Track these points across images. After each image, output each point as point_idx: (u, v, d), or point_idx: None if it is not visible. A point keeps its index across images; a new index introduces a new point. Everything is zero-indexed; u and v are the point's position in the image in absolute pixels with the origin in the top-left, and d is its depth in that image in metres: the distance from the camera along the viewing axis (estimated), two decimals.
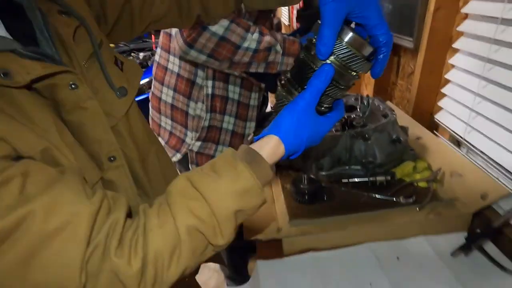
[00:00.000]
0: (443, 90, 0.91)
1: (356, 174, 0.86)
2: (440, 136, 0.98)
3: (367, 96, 1.02)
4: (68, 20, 0.45)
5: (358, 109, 1.00)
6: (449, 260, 0.69)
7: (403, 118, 1.08)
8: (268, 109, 1.39)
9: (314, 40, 0.43)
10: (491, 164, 0.79)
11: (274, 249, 0.76)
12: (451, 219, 0.74)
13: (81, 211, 0.35)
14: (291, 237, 0.74)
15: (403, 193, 0.78)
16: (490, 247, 0.68)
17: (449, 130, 0.91)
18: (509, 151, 0.69)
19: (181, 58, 0.94)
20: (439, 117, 0.94)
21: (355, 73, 0.43)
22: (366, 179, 0.83)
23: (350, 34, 0.41)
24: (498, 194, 0.70)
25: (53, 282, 0.33)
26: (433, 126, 1.05)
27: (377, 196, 0.79)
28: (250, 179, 0.42)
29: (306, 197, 0.80)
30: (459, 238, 0.71)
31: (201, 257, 0.42)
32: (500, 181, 0.73)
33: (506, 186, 0.71)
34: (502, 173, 0.75)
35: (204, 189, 0.41)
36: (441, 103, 0.93)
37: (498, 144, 0.72)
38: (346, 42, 0.41)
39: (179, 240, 0.39)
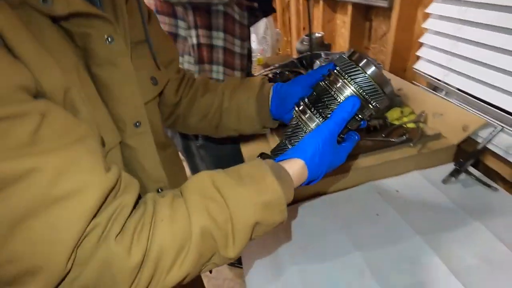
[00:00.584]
0: (421, 40, 0.98)
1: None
2: (419, 84, 1.06)
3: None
4: None
5: None
6: (441, 187, 0.77)
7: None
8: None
9: (337, 72, 0.45)
10: (470, 102, 0.87)
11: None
12: (440, 152, 0.82)
13: (95, 183, 0.30)
14: None
15: (395, 134, 0.85)
16: (474, 171, 0.77)
17: (428, 76, 0.98)
18: (485, 83, 0.77)
19: (157, 12, 0.90)
20: (418, 66, 1.01)
21: (374, 107, 0.45)
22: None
23: (373, 68, 0.42)
24: (477, 124, 0.78)
25: (32, 258, 0.27)
26: (410, 79, 1.12)
27: (373, 139, 0.84)
28: (277, 193, 0.39)
29: None
30: (448, 168, 0.79)
31: (203, 266, 0.38)
32: (478, 113, 0.81)
33: (484, 117, 0.79)
34: (480, 106, 0.83)
35: (227, 192, 0.37)
36: (419, 52, 0.99)
37: (475, 79, 0.80)
38: (369, 75, 0.43)
39: (189, 240, 0.34)
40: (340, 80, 0.44)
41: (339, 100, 0.45)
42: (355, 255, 0.62)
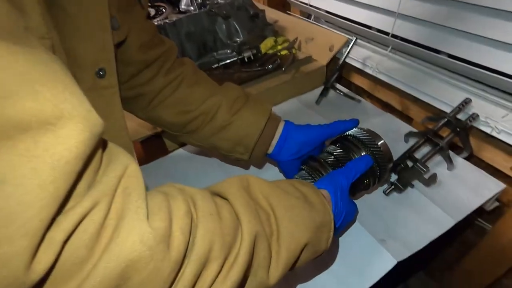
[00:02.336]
0: None
1: (225, 58, 0.84)
2: (293, 14, 1.04)
3: None
4: None
5: None
6: (315, 107, 0.78)
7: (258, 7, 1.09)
8: None
9: (351, 137, 0.49)
10: (334, 23, 0.89)
11: (155, 148, 0.70)
12: (312, 75, 0.82)
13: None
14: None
15: (269, 63, 0.81)
16: (341, 87, 0.81)
17: (298, 3, 0.97)
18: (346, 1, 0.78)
19: None
20: None
21: (378, 172, 0.48)
22: (235, 58, 0.82)
23: (382, 141, 0.48)
24: (340, 42, 0.80)
25: None
26: (286, 9, 1.10)
27: (248, 70, 0.80)
28: (329, 215, 0.35)
29: None
30: (319, 90, 0.80)
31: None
32: (342, 33, 0.83)
33: (345, 35, 0.82)
34: (343, 25, 0.85)
35: (275, 201, 0.31)
36: None
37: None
38: (380, 144, 0.48)
39: (239, 244, 0.27)
40: (359, 147, 0.48)
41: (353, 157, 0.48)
42: None
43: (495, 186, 0.53)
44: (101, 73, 0.35)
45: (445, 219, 0.49)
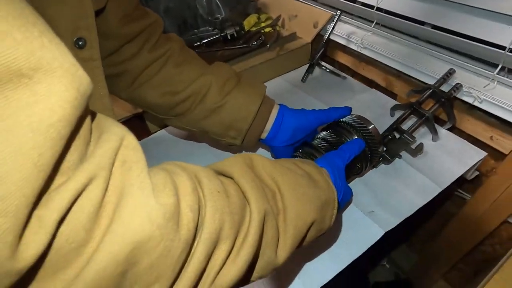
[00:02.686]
0: None
1: (207, 35, 0.81)
2: None
3: None
4: None
5: None
6: (301, 85, 0.77)
7: None
8: None
9: (343, 123, 0.49)
10: (320, 0, 0.87)
11: (137, 131, 0.67)
12: (297, 52, 0.81)
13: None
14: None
15: (253, 40, 0.79)
16: (326, 65, 0.80)
17: None
18: None
19: None
20: None
21: (369, 155, 0.48)
22: (217, 35, 0.79)
23: (372, 126, 0.49)
24: (325, 18, 0.79)
25: None
26: None
27: (231, 47, 0.77)
28: (333, 192, 0.34)
29: None
30: (305, 68, 0.79)
31: (253, 273, 0.28)
32: (326, 9, 0.82)
33: (329, 11, 0.80)
34: (328, 1, 0.84)
35: (280, 179, 0.30)
36: None
37: None
38: (370, 128, 0.48)
39: (248, 222, 0.25)
40: (351, 132, 0.48)
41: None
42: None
43: (477, 154, 0.55)
44: (80, 43, 0.31)
45: (431, 187, 0.50)
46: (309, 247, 0.45)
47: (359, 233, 0.46)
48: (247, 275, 0.27)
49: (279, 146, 0.50)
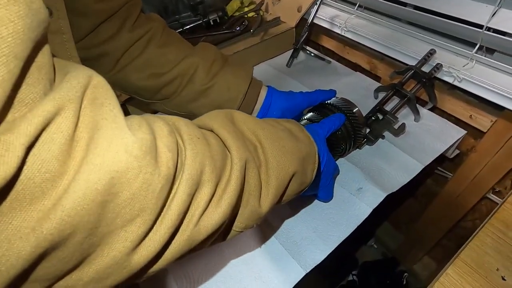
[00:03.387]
0: None
1: (189, 21, 0.79)
2: None
3: None
4: None
5: None
6: (286, 70, 0.77)
7: None
8: None
9: (328, 105, 0.50)
10: None
11: None
12: (281, 37, 0.80)
13: None
14: None
15: (236, 25, 0.78)
16: (311, 49, 0.80)
17: None
18: None
19: None
20: None
21: (353, 136, 0.49)
22: (200, 21, 0.77)
23: (357, 108, 0.50)
24: (308, 2, 0.78)
25: None
26: None
27: (214, 33, 0.76)
28: (313, 147, 0.35)
29: None
30: (289, 54, 0.79)
31: (237, 222, 0.29)
32: None
33: None
34: None
35: (261, 133, 0.30)
36: None
37: None
38: (355, 111, 0.49)
39: (229, 169, 0.26)
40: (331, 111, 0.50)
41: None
42: None
43: (457, 133, 0.56)
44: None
45: (414, 165, 0.51)
46: (300, 229, 0.46)
47: (348, 213, 0.47)
48: (231, 223, 0.29)
49: None
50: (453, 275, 0.37)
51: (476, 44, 0.52)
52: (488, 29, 0.49)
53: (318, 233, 0.45)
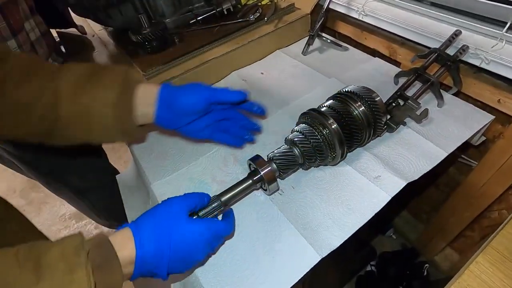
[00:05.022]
0: None
1: (202, 11, 0.78)
2: None
3: None
4: None
5: None
6: (301, 58, 0.75)
7: None
8: None
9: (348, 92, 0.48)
10: None
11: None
12: (296, 24, 0.78)
13: None
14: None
15: (250, 13, 0.77)
16: (327, 36, 0.78)
17: None
18: None
19: None
20: None
21: (373, 124, 0.48)
22: (213, 11, 0.77)
23: (379, 97, 0.48)
24: None
25: None
26: None
27: (228, 22, 0.75)
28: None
29: (155, 44, 0.69)
30: (304, 41, 0.77)
31: None
32: None
33: None
34: None
35: None
36: None
37: None
38: (375, 97, 0.48)
39: None
40: (355, 99, 0.48)
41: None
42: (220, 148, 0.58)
43: (484, 118, 0.54)
44: None
45: (437, 152, 0.49)
46: (316, 215, 0.45)
47: (365, 200, 0.46)
48: None
49: (188, 126, 0.47)
50: (484, 263, 0.36)
51: (507, 23, 0.49)
52: None
53: (334, 219, 0.45)
